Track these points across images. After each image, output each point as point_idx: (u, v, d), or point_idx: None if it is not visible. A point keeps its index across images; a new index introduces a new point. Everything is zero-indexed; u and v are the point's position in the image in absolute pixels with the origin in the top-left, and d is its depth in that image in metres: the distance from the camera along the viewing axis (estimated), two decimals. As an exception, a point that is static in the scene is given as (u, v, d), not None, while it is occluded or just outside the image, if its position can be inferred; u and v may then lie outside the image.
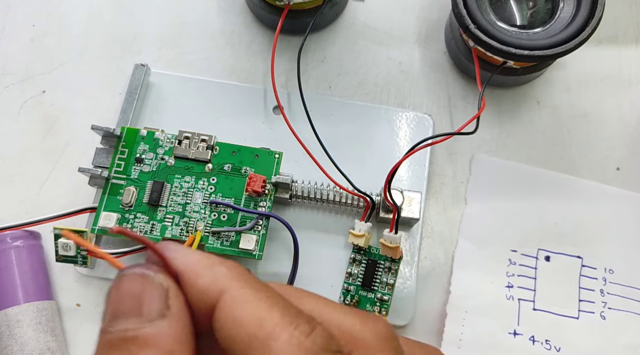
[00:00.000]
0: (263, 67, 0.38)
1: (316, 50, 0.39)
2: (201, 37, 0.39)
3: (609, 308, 0.34)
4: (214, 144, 0.32)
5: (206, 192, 0.32)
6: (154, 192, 0.31)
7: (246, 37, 0.39)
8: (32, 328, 0.30)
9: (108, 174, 0.31)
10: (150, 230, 0.31)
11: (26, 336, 0.30)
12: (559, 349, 0.33)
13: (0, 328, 0.29)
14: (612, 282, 0.34)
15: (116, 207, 0.31)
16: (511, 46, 0.32)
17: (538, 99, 0.38)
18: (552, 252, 0.34)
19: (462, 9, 0.33)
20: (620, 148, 0.37)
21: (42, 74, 0.38)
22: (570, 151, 0.37)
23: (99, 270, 0.33)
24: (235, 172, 0.32)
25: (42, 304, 0.31)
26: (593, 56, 0.39)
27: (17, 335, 0.29)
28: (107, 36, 0.39)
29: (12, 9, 0.39)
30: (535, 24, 0.35)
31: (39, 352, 0.30)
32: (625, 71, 0.39)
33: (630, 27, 0.40)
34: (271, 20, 0.37)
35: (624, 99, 0.38)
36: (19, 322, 0.30)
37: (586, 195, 0.36)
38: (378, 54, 0.39)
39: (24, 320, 0.30)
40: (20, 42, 0.38)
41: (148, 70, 0.36)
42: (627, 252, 0.35)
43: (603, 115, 0.38)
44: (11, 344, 0.29)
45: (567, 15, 0.33)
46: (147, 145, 0.32)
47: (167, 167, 0.32)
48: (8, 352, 0.29)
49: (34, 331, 0.30)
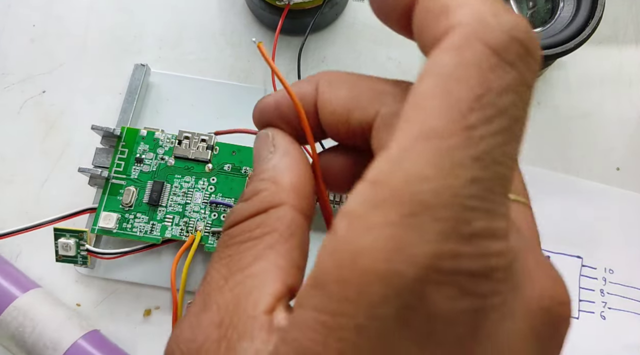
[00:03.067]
0: (263, 67, 0.38)
1: (316, 50, 0.39)
2: (201, 37, 0.39)
3: (609, 308, 0.34)
4: (214, 144, 0.32)
5: (206, 192, 0.32)
6: (154, 192, 0.31)
7: (246, 37, 0.39)
8: (47, 306, 0.31)
9: (108, 174, 0.31)
10: (150, 230, 0.31)
11: (45, 312, 0.30)
12: (559, 349, 0.33)
13: (17, 319, 0.29)
14: (612, 282, 0.34)
15: (116, 207, 0.31)
16: (511, 46, 0.32)
17: (538, 100, 0.38)
18: (552, 252, 0.34)
19: (462, 9, 0.32)
20: (620, 148, 0.37)
21: (42, 74, 0.38)
22: (570, 151, 0.37)
23: (99, 270, 0.33)
24: (235, 172, 0.32)
25: (38, 290, 0.31)
26: (593, 56, 0.39)
27: (37, 317, 0.30)
28: (107, 36, 0.39)
29: (12, 9, 0.39)
30: (535, 24, 0.35)
31: (66, 317, 0.30)
32: (625, 71, 0.39)
33: (630, 27, 0.40)
34: (271, 20, 0.37)
35: (624, 99, 0.38)
36: (32, 306, 0.30)
37: (586, 195, 0.36)
38: (378, 54, 0.39)
39: (34, 303, 0.30)
40: (20, 42, 0.38)
41: (148, 70, 0.36)
42: (627, 252, 0.35)
43: (603, 115, 0.38)
44: (34, 324, 0.29)
45: (567, 15, 0.33)
46: (147, 145, 0.32)
47: (167, 167, 0.32)
48: (36, 331, 0.29)
49: (49, 306, 0.31)
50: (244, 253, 0.15)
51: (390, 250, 0.11)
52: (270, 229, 0.16)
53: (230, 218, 0.17)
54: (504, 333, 0.12)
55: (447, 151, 0.11)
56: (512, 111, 0.11)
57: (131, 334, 0.32)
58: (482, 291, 0.11)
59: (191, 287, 0.32)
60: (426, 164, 0.11)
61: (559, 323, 0.13)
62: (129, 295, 0.33)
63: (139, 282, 0.33)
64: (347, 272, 0.11)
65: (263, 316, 0.14)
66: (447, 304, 0.11)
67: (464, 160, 0.11)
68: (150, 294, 0.33)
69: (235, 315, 0.14)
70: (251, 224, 0.16)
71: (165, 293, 0.33)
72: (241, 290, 0.15)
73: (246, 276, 0.15)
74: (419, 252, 0.11)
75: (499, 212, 0.11)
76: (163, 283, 0.33)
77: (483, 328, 0.11)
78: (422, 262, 0.11)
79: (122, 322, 0.33)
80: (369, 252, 0.11)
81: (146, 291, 0.33)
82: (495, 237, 0.11)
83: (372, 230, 0.11)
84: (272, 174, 0.17)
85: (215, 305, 0.15)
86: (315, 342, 0.11)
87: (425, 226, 0.11)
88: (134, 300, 0.33)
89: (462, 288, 0.11)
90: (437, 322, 0.11)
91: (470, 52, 0.11)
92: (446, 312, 0.11)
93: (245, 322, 0.14)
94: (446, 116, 0.11)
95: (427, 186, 0.11)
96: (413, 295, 0.11)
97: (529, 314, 0.13)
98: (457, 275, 0.11)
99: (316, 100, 0.18)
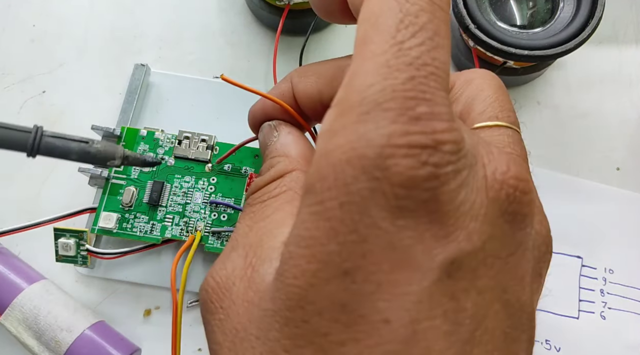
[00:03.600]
0: (263, 67, 0.38)
1: (317, 50, 0.39)
2: (201, 37, 0.39)
3: (609, 308, 0.34)
4: (214, 144, 0.32)
5: (206, 192, 0.32)
6: (154, 192, 0.31)
7: (246, 37, 0.39)
8: (61, 293, 0.31)
9: (108, 174, 0.31)
10: (150, 230, 0.31)
11: (61, 298, 0.30)
12: (559, 349, 0.33)
13: (33, 301, 0.30)
14: (612, 282, 0.34)
15: (116, 207, 0.31)
16: (511, 46, 0.32)
17: (538, 99, 0.38)
18: (552, 252, 0.34)
19: (462, 9, 0.33)
20: (620, 148, 0.37)
21: (42, 74, 0.38)
22: (570, 151, 0.37)
23: (99, 270, 0.33)
24: (235, 172, 0.32)
25: (48, 280, 0.32)
26: (593, 56, 0.39)
27: (53, 301, 0.30)
28: (107, 36, 0.39)
29: (12, 9, 0.39)
30: (535, 24, 0.35)
31: (80, 305, 0.31)
32: (625, 71, 0.39)
33: (630, 27, 0.40)
34: (271, 20, 0.37)
35: (624, 99, 0.38)
36: (48, 290, 0.30)
37: (586, 195, 0.36)
38: (378, 54, 0.39)
39: (50, 289, 0.31)
40: (20, 42, 0.38)
41: (148, 70, 0.36)
42: (627, 252, 0.35)
43: (603, 115, 0.38)
44: (50, 307, 0.30)
45: (567, 15, 0.33)
46: (147, 145, 0.32)
47: (167, 167, 0.32)
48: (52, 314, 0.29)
49: (62, 293, 0.31)
50: (266, 207, 0.19)
51: (352, 140, 0.13)
52: (286, 187, 0.19)
53: (252, 187, 0.20)
54: (465, 201, 0.14)
55: (385, 62, 0.14)
56: (430, 26, 0.14)
57: (131, 334, 0.32)
58: (434, 161, 0.13)
59: (191, 287, 0.32)
60: (371, 75, 0.14)
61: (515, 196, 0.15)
62: (129, 295, 0.33)
63: (139, 282, 0.33)
64: (324, 169, 0.14)
65: (282, 246, 0.16)
66: (407, 172, 0.13)
67: (399, 66, 0.14)
68: (150, 294, 0.33)
69: (259, 248, 0.17)
70: (270, 187, 0.19)
71: (165, 293, 0.33)
72: (263, 232, 0.18)
73: (267, 222, 0.18)
74: (375, 135, 0.13)
75: (438, 101, 0.14)
76: (163, 283, 0.33)
77: (443, 194, 0.13)
78: (379, 142, 0.13)
79: (122, 322, 0.33)
80: (337, 148, 0.14)
81: (146, 291, 0.33)
82: (438, 119, 0.13)
83: (337, 133, 0.14)
84: (281, 150, 0.21)
85: (241, 245, 0.18)
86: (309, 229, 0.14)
87: (378, 117, 0.13)
88: (134, 300, 0.33)
89: (417, 159, 0.13)
90: (401, 189, 0.13)
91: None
92: (407, 180, 0.13)
93: (267, 251, 0.17)
94: (380, 39, 0.14)
95: (373, 89, 0.13)
96: (377, 168, 0.13)
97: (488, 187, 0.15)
98: (410, 148, 0.13)
99: (293, 93, 0.22)
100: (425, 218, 0.13)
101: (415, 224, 0.13)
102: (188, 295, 0.33)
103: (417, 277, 0.13)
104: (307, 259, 0.14)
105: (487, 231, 0.14)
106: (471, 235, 0.14)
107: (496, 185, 0.15)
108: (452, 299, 0.14)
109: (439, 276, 0.13)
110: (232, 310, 0.16)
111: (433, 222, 0.13)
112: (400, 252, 0.13)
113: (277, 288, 0.14)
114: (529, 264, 0.16)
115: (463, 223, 0.14)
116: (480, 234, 0.14)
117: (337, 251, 0.13)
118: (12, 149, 0.21)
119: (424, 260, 0.13)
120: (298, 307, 0.14)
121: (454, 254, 0.14)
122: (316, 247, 0.13)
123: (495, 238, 0.15)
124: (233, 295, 0.16)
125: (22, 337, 0.29)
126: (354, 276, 0.13)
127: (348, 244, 0.13)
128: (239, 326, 0.16)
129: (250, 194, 0.20)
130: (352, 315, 0.13)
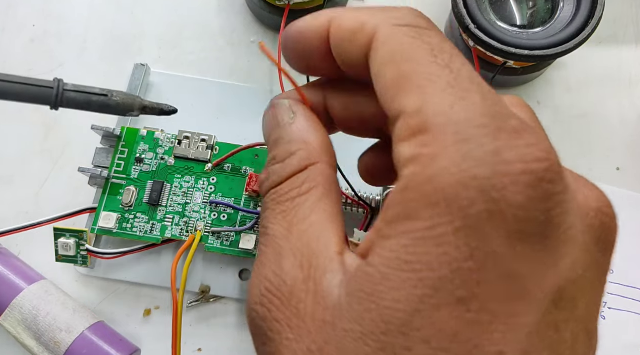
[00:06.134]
0: (263, 67, 0.38)
1: (316, 50, 0.39)
2: (201, 37, 0.39)
3: (609, 308, 0.34)
4: (214, 144, 0.32)
5: (206, 192, 0.32)
6: (154, 192, 0.31)
7: (246, 37, 0.39)
8: (60, 294, 0.31)
9: (108, 174, 0.31)
10: (150, 230, 0.31)
11: (60, 298, 0.30)
12: (559, 349, 0.33)
13: (32, 302, 0.30)
14: (612, 282, 0.34)
15: (116, 207, 0.31)
16: (511, 46, 0.32)
17: (538, 99, 0.38)
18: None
19: (462, 9, 0.32)
20: (620, 148, 0.37)
21: (42, 74, 0.38)
22: (570, 151, 0.37)
23: (99, 270, 0.33)
24: (235, 172, 0.32)
25: (48, 281, 0.32)
26: (593, 56, 0.39)
27: (52, 302, 0.30)
28: (107, 36, 0.39)
29: (12, 9, 0.39)
30: (535, 24, 0.35)
31: (79, 305, 0.31)
32: (625, 71, 0.39)
33: (630, 27, 0.40)
34: (271, 20, 0.37)
35: (624, 99, 0.38)
36: (47, 291, 0.30)
37: (586, 195, 0.36)
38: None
39: (49, 289, 0.31)
40: (20, 42, 0.38)
41: (148, 70, 0.36)
42: (627, 252, 0.35)
43: (603, 115, 0.38)
44: (49, 308, 0.30)
45: (567, 15, 0.33)
46: (147, 145, 0.32)
47: (167, 167, 0.32)
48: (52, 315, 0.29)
49: (62, 294, 0.31)
50: (299, 207, 0.17)
51: (458, 162, 0.13)
52: (315, 183, 0.18)
53: (271, 179, 0.18)
54: (572, 226, 0.13)
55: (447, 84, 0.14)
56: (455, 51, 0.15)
57: (131, 334, 0.32)
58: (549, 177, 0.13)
59: (191, 287, 0.32)
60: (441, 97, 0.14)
61: (609, 224, 0.15)
62: (129, 295, 0.33)
63: (139, 282, 0.33)
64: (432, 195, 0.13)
65: (337, 256, 0.16)
66: (526, 192, 0.12)
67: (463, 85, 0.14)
68: (150, 294, 0.33)
69: (313, 257, 0.16)
70: (296, 182, 0.18)
71: (165, 293, 0.33)
72: (309, 238, 0.17)
73: (308, 226, 0.17)
74: (481, 153, 0.12)
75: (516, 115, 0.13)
76: (163, 283, 0.33)
77: (557, 216, 0.13)
78: (490, 160, 0.12)
79: (122, 322, 0.33)
80: (442, 171, 0.13)
81: (146, 291, 0.33)
82: (531, 131, 0.13)
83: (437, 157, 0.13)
84: (300, 136, 0.19)
85: (290, 252, 0.16)
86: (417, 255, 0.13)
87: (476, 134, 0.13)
88: (134, 300, 0.33)
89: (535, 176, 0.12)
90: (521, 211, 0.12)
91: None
92: (527, 201, 0.12)
93: (324, 263, 0.16)
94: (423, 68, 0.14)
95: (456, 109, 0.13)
96: (494, 188, 0.12)
97: (583, 214, 0.14)
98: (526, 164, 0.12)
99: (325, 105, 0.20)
100: (540, 245, 0.13)
101: (532, 251, 0.13)
102: (188, 295, 0.33)
103: (530, 309, 0.13)
104: (413, 283, 0.13)
105: (587, 259, 0.14)
106: (575, 264, 0.13)
107: (591, 212, 0.15)
108: (556, 331, 0.13)
109: (548, 307, 0.13)
110: (303, 330, 0.15)
111: (546, 249, 0.13)
112: (516, 281, 0.13)
113: (366, 309, 0.13)
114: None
115: (569, 250, 0.13)
116: (582, 262, 0.14)
117: (450, 278, 0.12)
118: (37, 102, 0.21)
119: (536, 290, 0.13)
120: (400, 333, 0.13)
121: (561, 283, 0.13)
122: (424, 272, 0.13)
123: (591, 267, 0.14)
124: (301, 312, 0.15)
125: (22, 338, 0.29)
126: (469, 305, 0.12)
127: (463, 271, 0.12)
128: (313, 347, 0.14)
129: (272, 185, 0.18)
130: (465, 346, 0.12)
